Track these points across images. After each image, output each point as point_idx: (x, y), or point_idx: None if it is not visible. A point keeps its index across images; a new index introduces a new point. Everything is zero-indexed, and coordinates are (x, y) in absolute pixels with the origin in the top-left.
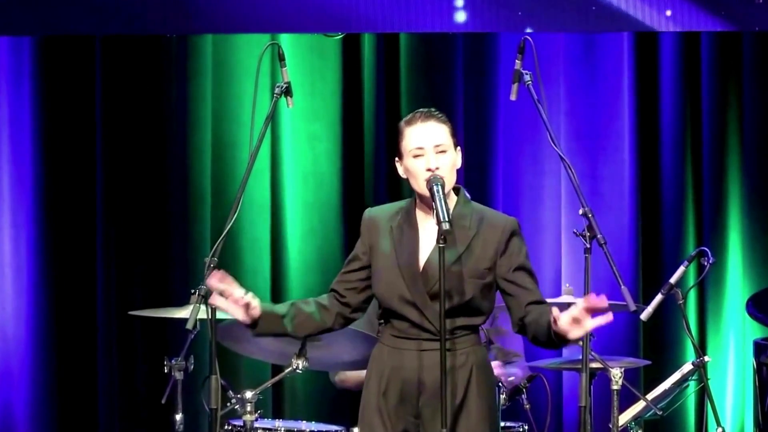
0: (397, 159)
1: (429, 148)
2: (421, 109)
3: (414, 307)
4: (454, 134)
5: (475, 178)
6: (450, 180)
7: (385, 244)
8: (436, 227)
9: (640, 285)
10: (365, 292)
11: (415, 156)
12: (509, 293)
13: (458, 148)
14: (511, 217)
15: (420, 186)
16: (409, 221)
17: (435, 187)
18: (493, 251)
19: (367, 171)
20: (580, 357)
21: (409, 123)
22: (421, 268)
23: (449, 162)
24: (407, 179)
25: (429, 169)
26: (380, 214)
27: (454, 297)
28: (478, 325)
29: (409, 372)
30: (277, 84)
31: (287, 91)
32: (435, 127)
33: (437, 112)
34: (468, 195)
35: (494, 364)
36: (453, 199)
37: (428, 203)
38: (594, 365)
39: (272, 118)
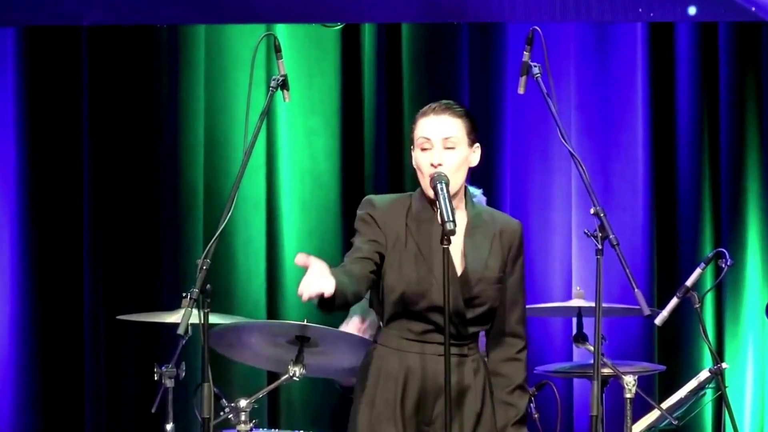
0: (412, 147)
1: (437, 142)
2: (442, 101)
3: (441, 312)
4: (473, 130)
5: (481, 176)
6: (456, 179)
7: (405, 241)
8: (459, 227)
9: (655, 288)
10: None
11: (423, 149)
12: (500, 305)
13: (476, 145)
14: (516, 220)
15: (423, 182)
16: (428, 217)
17: (439, 185)
18: (506, 255)
19: (368, 168)
20: (592, 363)
21: (423, 113)
22: (459, 272)
23: (456, 159)
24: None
25: (432, 164)
26: (389, 206)
27: (486, 303)
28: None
29: (427, 378)
30: (273, 77)
31: (284, 85)
32: (447, 121)
33: (456, 106)
34: (476, 195)
35: None
36: (462, 199)
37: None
38: (606, 372)
39: (268, 113)
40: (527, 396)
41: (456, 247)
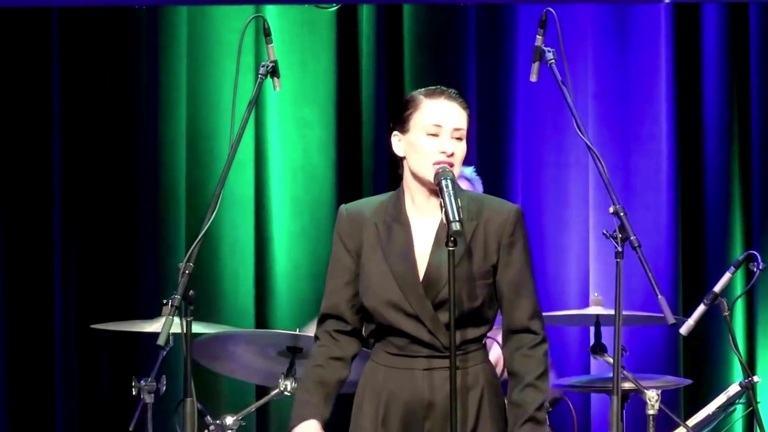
0: (396, 132)
1: (448, 130)
2: (441, 86)
3: (416, 320)
4: (469, 125)
5: (489, 171)
6: (457, 172)
7: (372, 246)
8: (431, 224)
9: (680, 294)
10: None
11: (430, 134)
12: (502, 301)
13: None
14: (514, 204)
15: (424, 168)
16: (399, 218)
17: (444, 182)
18: (496, 244)
19: (366, 163)
20: (611, 376)
21: (430, 96)
22: (421, 275)
23: (462, 151)
24: (403, 157)
25: (443, 152)
26: (361, 210)
27: (464, 304)
28: (484, 336)
29: (413, 394)
30: (263, 63)
31: (274, 72)
32: (459, 111)
33: (460, 96)
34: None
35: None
36: None
37: (427, 190)
38: (627, 386)
39: (256, 103)
40: (541, 395)
41: (424, 245)
